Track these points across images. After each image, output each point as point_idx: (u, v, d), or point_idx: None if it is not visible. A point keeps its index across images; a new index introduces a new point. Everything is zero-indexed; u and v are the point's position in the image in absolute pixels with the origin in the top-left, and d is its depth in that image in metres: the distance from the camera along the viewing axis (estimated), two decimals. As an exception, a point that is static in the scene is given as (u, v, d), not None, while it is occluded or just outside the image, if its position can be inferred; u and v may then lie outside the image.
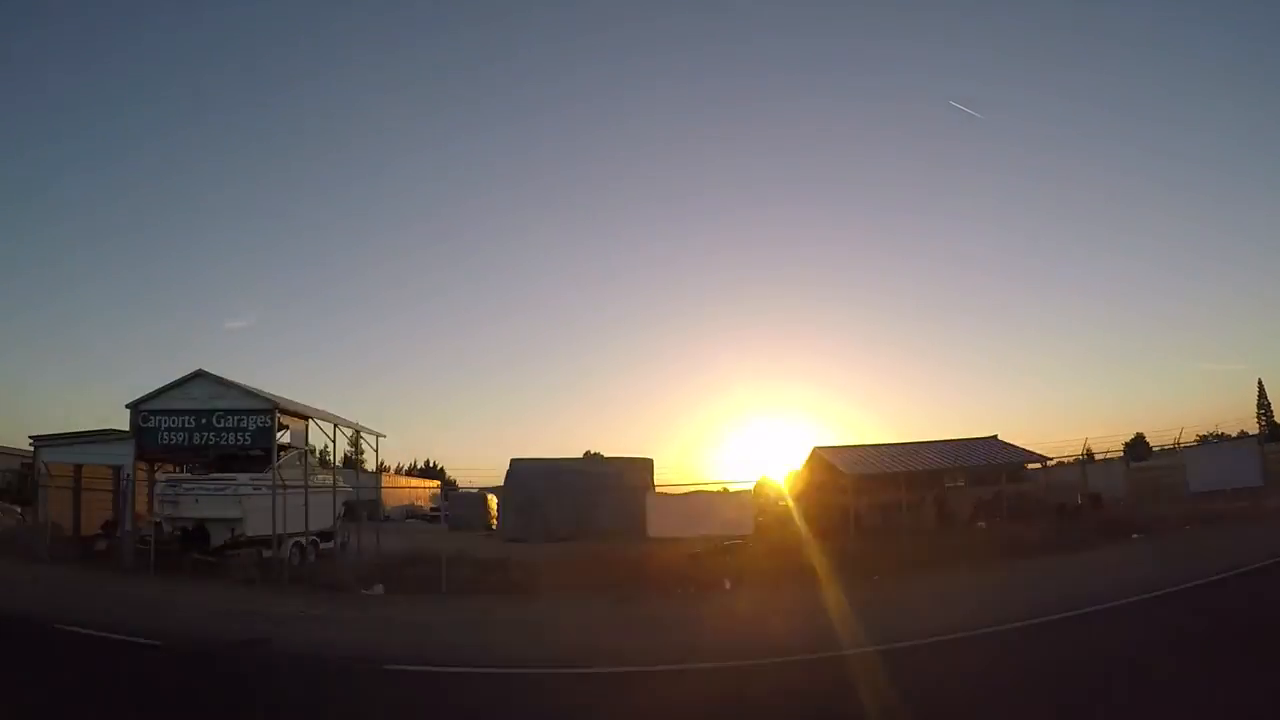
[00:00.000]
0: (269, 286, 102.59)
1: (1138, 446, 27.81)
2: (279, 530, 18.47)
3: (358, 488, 25.56)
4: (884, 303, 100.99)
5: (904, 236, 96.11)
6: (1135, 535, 18.75)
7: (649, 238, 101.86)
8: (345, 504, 23.85)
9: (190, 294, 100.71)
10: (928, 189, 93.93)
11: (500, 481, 32.23)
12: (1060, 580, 13.35)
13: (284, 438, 20.61)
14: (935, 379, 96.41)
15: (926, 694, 6.90)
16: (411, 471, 78.32)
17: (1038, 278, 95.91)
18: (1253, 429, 51.27)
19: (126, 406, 19.95)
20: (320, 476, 22.64)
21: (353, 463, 31.04)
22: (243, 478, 18.97)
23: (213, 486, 19.09)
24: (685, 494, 19.14)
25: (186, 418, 19.63)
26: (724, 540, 18.25)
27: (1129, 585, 11.42)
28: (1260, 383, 61.39)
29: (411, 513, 46.22)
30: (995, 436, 30.40)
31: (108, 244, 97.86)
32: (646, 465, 30.87)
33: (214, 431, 19.63)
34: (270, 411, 19.79)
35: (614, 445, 67.36)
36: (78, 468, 21.51)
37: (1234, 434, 42.05)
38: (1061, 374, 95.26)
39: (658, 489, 21.15)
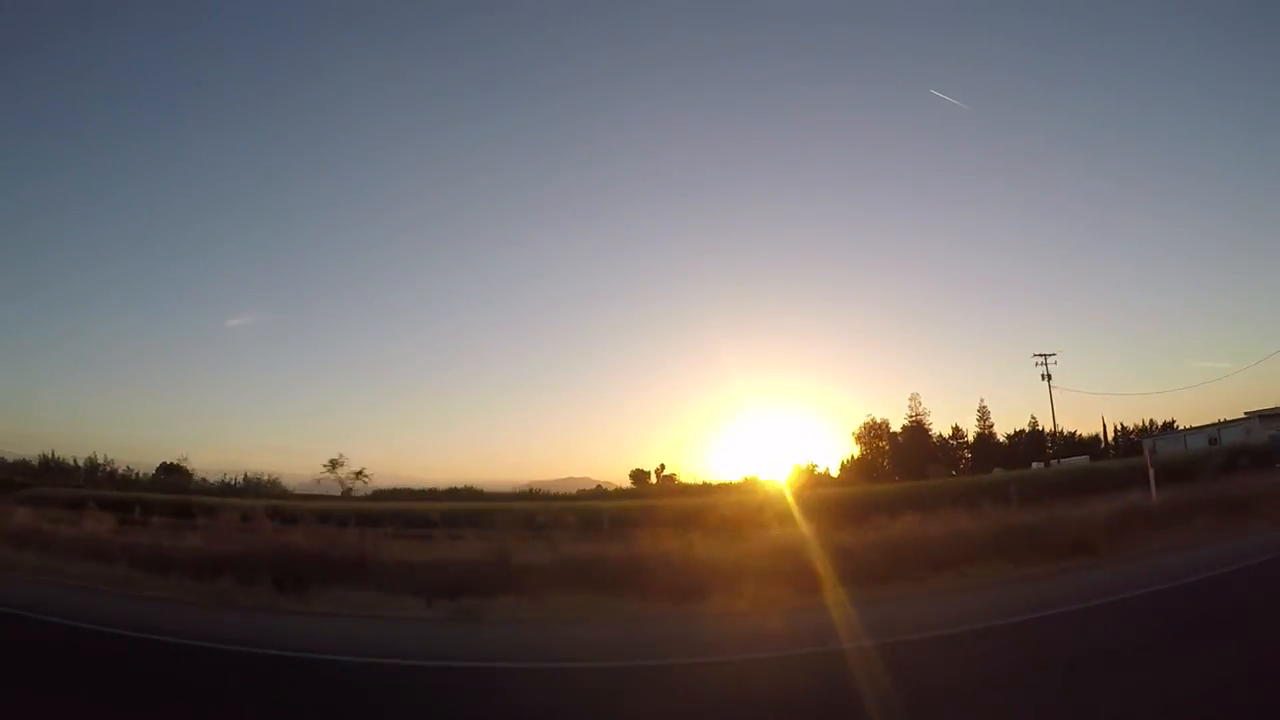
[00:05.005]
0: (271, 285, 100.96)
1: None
2: None
3: None
4: (878, 304, 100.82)
5: (898, 240, 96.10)
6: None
7: (651, 238, 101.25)
8: None
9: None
10: (919, 187, 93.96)
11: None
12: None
13: None
14: (928, 379, 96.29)
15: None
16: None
17: (1034, 276, 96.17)
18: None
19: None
20: None
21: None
22: None
23: None
24: None
25: None
26: None
27: None
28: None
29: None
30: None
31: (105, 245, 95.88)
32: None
33: None
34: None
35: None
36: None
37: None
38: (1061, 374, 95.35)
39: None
